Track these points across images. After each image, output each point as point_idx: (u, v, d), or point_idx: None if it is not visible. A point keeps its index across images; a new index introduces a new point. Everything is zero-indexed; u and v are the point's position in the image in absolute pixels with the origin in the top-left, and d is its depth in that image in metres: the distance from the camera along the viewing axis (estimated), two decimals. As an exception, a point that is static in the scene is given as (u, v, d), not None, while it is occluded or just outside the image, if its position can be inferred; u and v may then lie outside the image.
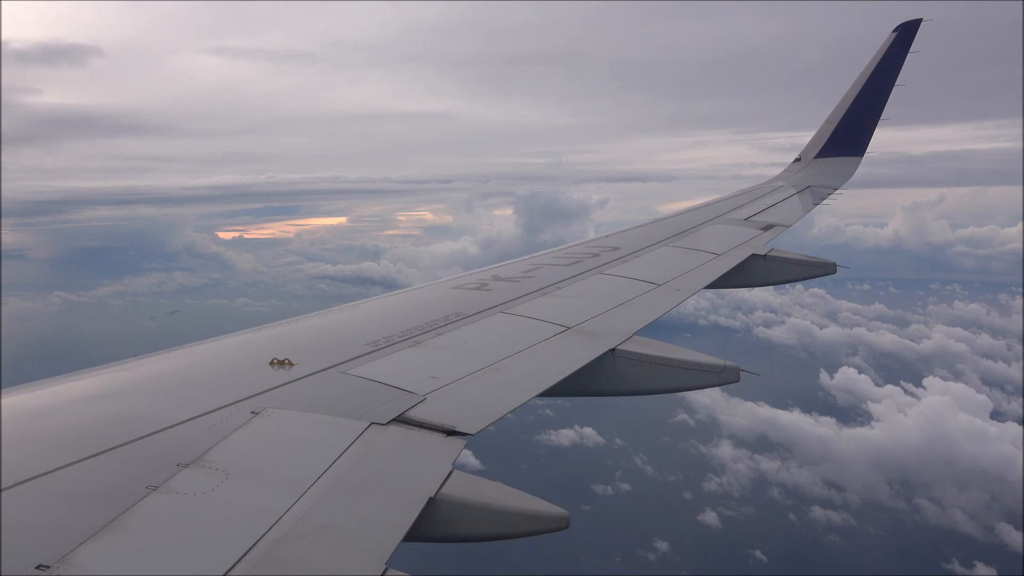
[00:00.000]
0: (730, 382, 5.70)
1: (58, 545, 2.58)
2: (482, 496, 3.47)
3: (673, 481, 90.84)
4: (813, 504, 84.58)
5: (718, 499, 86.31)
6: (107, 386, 4.56)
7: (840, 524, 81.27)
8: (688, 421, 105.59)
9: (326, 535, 2.88)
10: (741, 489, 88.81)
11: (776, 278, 9.56)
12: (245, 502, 3.08)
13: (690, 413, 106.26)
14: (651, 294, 7.38)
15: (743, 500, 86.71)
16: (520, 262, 8.88)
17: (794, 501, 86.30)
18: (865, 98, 14.31)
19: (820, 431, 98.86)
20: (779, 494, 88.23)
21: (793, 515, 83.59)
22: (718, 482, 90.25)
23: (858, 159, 14.54)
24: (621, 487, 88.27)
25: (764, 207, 12.50)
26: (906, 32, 13.76)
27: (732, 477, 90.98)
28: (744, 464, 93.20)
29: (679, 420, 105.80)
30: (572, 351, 5.53)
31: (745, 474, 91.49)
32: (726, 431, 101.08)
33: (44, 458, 3.23)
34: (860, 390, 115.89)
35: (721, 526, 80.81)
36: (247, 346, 5.52)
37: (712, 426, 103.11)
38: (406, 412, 4.12)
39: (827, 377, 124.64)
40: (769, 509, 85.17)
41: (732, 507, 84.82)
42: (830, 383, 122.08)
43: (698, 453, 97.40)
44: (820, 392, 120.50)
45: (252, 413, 3.94)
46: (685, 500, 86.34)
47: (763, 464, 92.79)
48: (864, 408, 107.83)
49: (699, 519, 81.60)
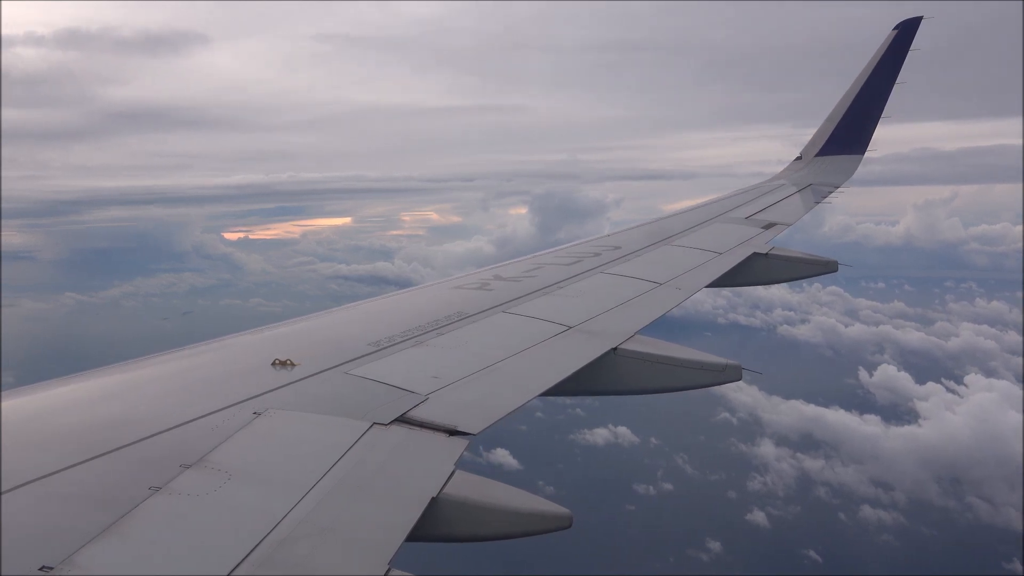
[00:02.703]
0: (732, 381, 5.70)
1: (61, 546, 2.58)
2: (484, 496, 3.48)
3: (716, 480, 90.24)
4: (861, 503, 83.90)
5: (764, 498, 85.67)
6: (110, 387, 4.57)
7: (891, 523, 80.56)
8: (730, 420, 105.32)
9: (329, 535, 2.88)
10: (786, 488, 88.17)
11: (778, 276, 9.56)
12: (248, 503, 3.09)
13: (731, 412, 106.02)
14: (653, 293, 7.38)
15: (789, 499, 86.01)
16: (521, 261, 8.88)
17: (842, 500, 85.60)
18: (866, 96, 14.31)
19: (867, 429, 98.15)
20: (825, 493, 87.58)
21: (843, 514, 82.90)
22: (762, 481, 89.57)
23: (859, 157, 14.54)
24: (663, 487, 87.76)
25: (765, 205, 12.49)
26: (907, 30, 13.77)
27: (776, 476, 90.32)
28: (787, 463, 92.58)
29: (721, 419, 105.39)
30: (574, 350, 5.53)
31: (789, 473, 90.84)
32: (768, 429, 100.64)
33: (48, 459, 3.24)
34: (901, 388, 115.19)
35: (770, 526, 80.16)
36: (249, 347, 5.52)
37: (754, 425, 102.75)
38: (408, 412, 4.13)
39: (866, 375, 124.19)
40: (817, 508, 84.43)
41: (779, 506, 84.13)
42: (869, 381, 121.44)
43: (739, 452, 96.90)
44: (860, 390, 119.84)
45: (254, 414, 3.95)
46: (730, 500, 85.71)
47: (806, 463, 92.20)
48: (910, 406, 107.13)
49: (747, 519, 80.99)
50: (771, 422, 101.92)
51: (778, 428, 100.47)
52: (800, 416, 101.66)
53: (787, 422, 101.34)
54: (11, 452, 3.39)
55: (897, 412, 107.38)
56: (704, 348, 5.92)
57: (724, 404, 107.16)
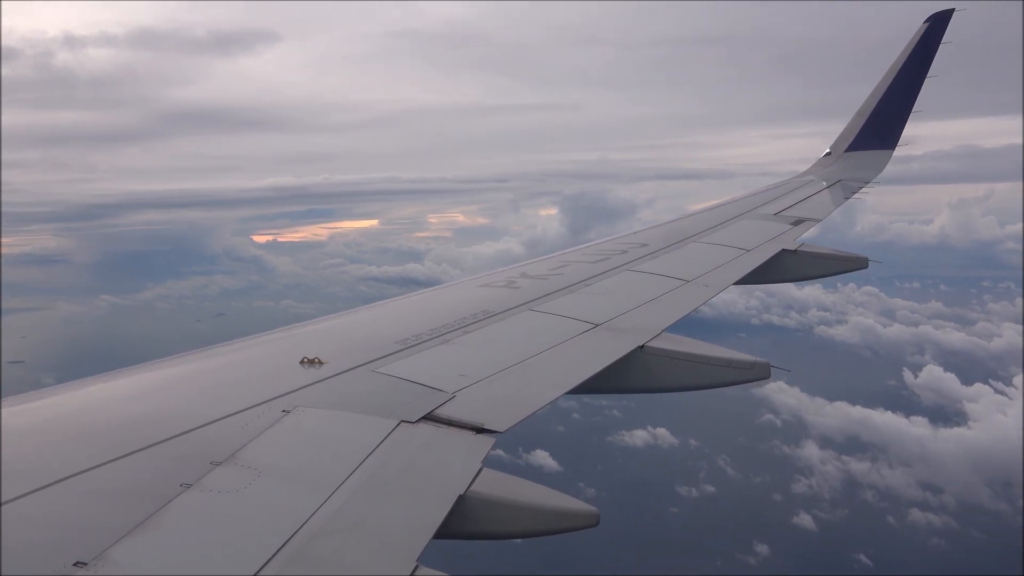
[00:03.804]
0: (761, 379, 5.65)
1: (95, 542, 2.62)
2: (512, 493, 3.47)
3: (760, 483, 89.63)
4: (910, 507, 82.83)
5: (809, 501, 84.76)
6: (142, 386, 4.63)
7: (941, 527, 79.32)
8: (774, 421, 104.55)
9: (357, 532, 2.90)
10: (832, 491, 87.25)
11: (807, 273, 9.43)
12: (277, 500, 3.11)
13: (775, 413, 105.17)
14: (680, 290, 7.33)
15: (835, 502, 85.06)
16: (548, 259, 8.86)
17: (889, 503, 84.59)
18: (896, 91, 14.10)
19: (915, 431, 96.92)
20: (872, 496, 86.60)
21: (892, 518, 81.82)
22: (807, 484, 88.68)
23: (889, 152, 14.34)
24: (706, 488, 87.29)
25: (794, 202, 12.35)
26: (938, 23, 13.55)
27: (821, 479, 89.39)
28: (832, 465, 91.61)
29: (764, 421, 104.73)
30: (600, 348, 5.50)
31: (835, 476, 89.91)
32: (813, 431, 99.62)
33: (82, 456, 3.29)
34: (948, 389, 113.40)
35: (818, 529, 79.31)
36: (277, 345, 5.57)
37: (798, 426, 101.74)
38: (435, 410, 4.14)
39: (910, 376, 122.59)
40: (865, 512, 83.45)
41: (826, 509, 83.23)
42: (914, 382, 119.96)
43: (782, 454, 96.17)
44: (904, 391, 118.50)
45: (283, 412, 3.98)
46: (775, 502, 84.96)
47: (852, 465, 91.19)
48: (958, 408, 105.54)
49: (794, 522, 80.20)
50: (816, 424, 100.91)
51: (823, 430, 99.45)
52: (846, 418, 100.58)
53: (832, 424, 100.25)
54: (48, 449, 3.46)
55: (945, 414, 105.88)
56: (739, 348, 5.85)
57: (767, 406, 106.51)
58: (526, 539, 3.54)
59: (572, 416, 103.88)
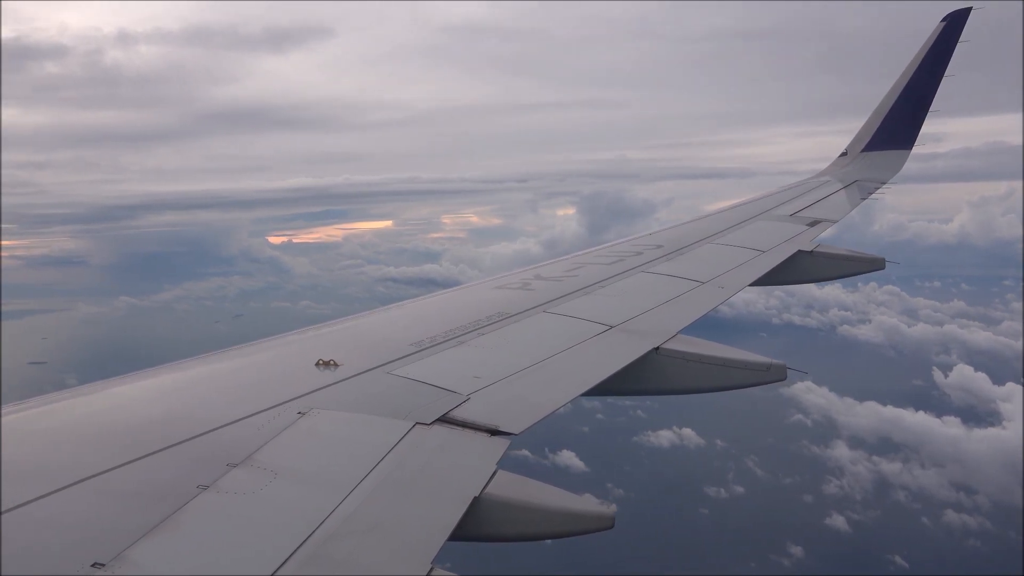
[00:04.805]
0: (776, 380, 5.61)
1: (113, 543, 2.64)
2: (527, 495, 3.47)
3: (789, 484, 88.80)
4: (944, 508, 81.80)
5: (841, 502, 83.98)
6: (159, 388, 4.66)
7: (976, 528, 78.28)
8: (804, 421, 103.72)
9: (372, 534, 2.90)
10: (863, 492, 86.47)
11: (824, 274, 9.37)
12: (293, 501, 3.12)
13: (805, 413, 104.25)
14: (695, 292, 7.30)
15: (867, 503, 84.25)
16: (563, 261, 8.85)
17: (923, 504, 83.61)
18: (913, 89, 13.99)
19: (948, 432, 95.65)
20: (905, 497, 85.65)
21: (926, 519, 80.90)
22: (838, 484, 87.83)
23: (907, 152, 14.22)
24: (735, 489, 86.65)
25: (810, 203, 12.28)
26: (955, 22, 13.44)
27: (852, 479, 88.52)
28: (863, 466, 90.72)
29: (795, 421, 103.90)
30: (615, 350, 5.49)
31: (865, 476, 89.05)
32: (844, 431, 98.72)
33: (101, 457, 3.32)
34: (979, 389, 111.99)
35: (851, 530, 78.48)
36: (293, 347, 5.59)
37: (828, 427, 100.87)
38: (450, 412, 4.14)
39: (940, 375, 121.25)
40: (897, 513, 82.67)
41: (858, 511, 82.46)
42: (944, 382, 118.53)
43: (811, 455, 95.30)
44: (934, 391, 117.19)
45: (299, 413, 3.99)
46: (807, 503, 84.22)
47: (882, 466, 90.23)
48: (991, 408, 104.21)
49: (826, 523, 79.40)
50: (846, 424, 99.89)
51: (854, 430, 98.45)
52: (877, 418, 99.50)
53: (863, 424, 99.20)
54: (66, 450, 3.49)
55: (977, 414, 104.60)
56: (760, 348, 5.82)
57: (796, 406, 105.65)
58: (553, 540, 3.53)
59: (596, 416, 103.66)
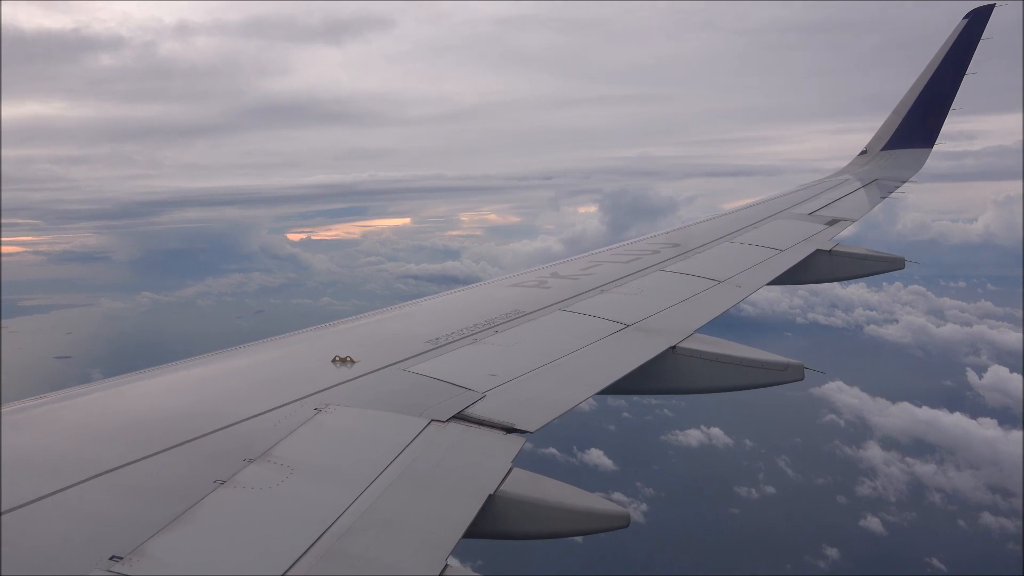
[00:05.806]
0: (794, 380, 5.58)
1: (131, 537, 2.66)
2: (542, 493, 3.47)
3: (822, 485, 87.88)
4: (980, 510, 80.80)
5: (875, 504, 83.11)
6: (178, 383, 4.70)
7: (1015, 531, 77.03)
8: (837, 422, 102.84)
9: (388, 530, 2.91)
10: (898, 494, 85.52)
11: (843, 274, 9.30)
12: (309, 497, 3.14)
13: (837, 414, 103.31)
14: (712, 291, 7.27)
15: (902, 505, 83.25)
16: (579, 259, 8.84)
17: (959, 507, 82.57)
18: (935, 87, 13.83)
19: (985, 433, 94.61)
20: (940, 499, 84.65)
21: (963, 521, 79.90)
22: (872, 486, 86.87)
23: (927, 150, 14.08)
24: (766, 490, 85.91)
25: (829, 201, 12.19)
26: (978, 18, 13.27)
27: (886, 481, 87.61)
28: (896, 467, 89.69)
29: (827, 421, 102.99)
30: (632, 349, 5.48)
31: (899, 478, 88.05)
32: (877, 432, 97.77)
33: (118, 452, 3.35)
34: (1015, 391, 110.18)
35: (887, 532, 77.69)
36: (310, 344, 5.61)
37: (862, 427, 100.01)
38: (465, 409, 4.14)
39: (974, 376, 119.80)
40: (934, 515, 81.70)
41: (893, 512, 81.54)
42: (979, 383, 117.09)
43: (843, 455, 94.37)
44: (968, 392, 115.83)
45: (315, 410, 4.01)
46: (840, 504, 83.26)
47: (916, 467, 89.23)
48: None
49: (861, 525, 78.60)
50: (879, 425, 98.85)
51: (887, 431, 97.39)
52: (911, 419, 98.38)
53: (896, 425, 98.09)
54: (85, 444, 3.53)
55: (1012, 415, 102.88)
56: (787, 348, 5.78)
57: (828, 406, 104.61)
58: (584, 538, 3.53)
59: (623, 415, 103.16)
